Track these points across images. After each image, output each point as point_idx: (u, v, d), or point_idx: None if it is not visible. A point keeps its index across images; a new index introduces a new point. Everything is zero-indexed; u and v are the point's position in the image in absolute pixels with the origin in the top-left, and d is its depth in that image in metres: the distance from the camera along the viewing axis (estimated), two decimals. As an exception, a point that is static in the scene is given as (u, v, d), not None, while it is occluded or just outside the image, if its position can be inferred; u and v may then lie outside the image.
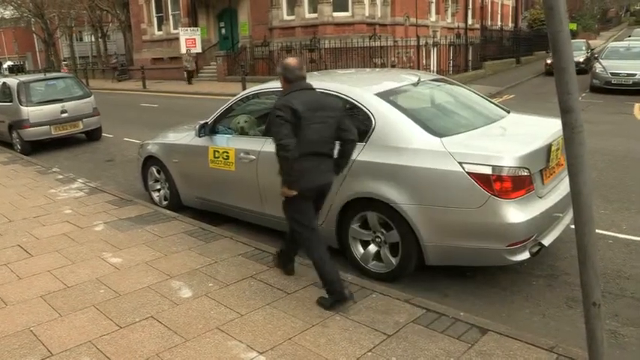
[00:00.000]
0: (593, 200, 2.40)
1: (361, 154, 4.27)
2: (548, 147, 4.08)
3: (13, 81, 11.62)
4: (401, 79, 5.22)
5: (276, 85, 5.52)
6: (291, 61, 3.87)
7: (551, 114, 5.16)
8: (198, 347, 3.30)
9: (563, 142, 4.25)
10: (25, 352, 3.36)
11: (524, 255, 3.91)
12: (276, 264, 4.44)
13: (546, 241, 4.07)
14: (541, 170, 4.06)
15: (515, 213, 3.75)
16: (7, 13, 51.50)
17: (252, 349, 3.25)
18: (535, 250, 3.96)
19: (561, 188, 4.34)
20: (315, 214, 3.98)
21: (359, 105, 4.46)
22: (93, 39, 46.89)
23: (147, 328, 3.58)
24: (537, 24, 40.65)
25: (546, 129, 4.40)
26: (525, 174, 3.82)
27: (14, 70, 44.45)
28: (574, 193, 2.33)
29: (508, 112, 5.01)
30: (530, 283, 4.27)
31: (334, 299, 3.71)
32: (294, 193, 3.67)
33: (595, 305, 2.36)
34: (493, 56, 27.53)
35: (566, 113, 2.24)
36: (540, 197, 4.03)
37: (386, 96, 4.48)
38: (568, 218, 4.53)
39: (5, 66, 50.15)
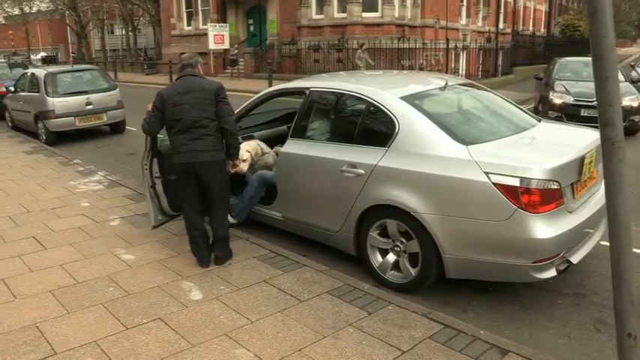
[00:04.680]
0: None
1: (383, 159, 4.11)
2: (581, 159, 3.85)
3: (40, 72, 11.73)
4: (428, 82, 5.04)
5: (297, 84, 5.41)
6: (185, 55, 4.68)
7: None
8: (204, 354, 3.18)
9: (597, 155, 4.07)
10: (29, 348, 3.28)
11: (551, 272, 3.69)
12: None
13: (575, 259, 3.85)
14: (572, 184, 3.83)
15: (543, 228, 3.54)
16: (43, 5, 52.61)
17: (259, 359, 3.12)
18: (562, 267, 3.75)
19: (592, 202, 4.11)
20: (194, 192, 4.42)
21: (382, 108, 4.29)
22: (124, 32, 47.51)
23: (153, 330, 3.48)
24: (570, 30, 39.70)
25: (580, 140, 4.17)
26: (555, 187, 3.60)
27: (47, 61, 45.24)
28: (610, 214, 2.13)
29: (539, 120, 4.79)
30: (556, 302, 4.04)
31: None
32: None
33: (630, 337, 2.15)
34: (524, 62, 26.97)
35: (606, 126, 2.05)
36: (570, 212, 3.81)
37: (411, 100, 4.30)
38: (599, 234, 4.30)
39: (38, 57, 51.12)
